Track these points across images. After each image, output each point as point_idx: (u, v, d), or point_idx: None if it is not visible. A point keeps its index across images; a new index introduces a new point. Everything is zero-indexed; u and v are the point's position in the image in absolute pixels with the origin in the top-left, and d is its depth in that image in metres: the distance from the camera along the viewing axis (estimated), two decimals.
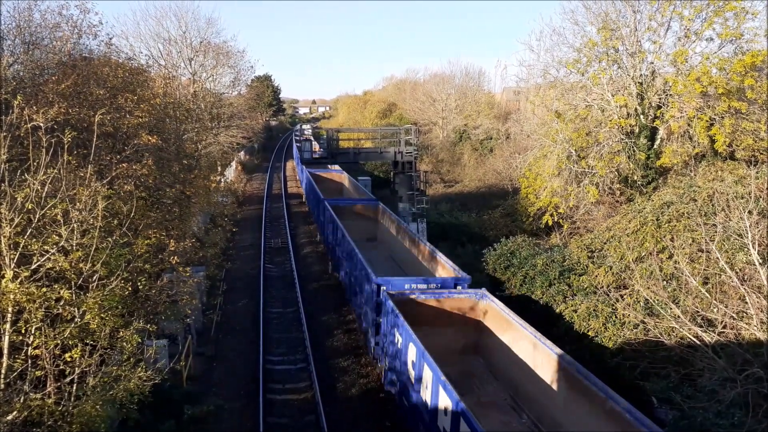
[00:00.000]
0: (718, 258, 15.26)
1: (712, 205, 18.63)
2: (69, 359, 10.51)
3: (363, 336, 21.53)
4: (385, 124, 70.40)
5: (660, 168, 27.59)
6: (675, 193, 21.57)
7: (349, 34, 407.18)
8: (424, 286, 19.15)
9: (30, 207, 10.35)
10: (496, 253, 24.62)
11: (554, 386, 14.69)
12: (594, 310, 18.66)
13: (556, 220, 29.04)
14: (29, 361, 10.42)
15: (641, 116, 27.73)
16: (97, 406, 10.70)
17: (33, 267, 10.36)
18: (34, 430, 10.21)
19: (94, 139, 13.04)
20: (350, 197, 41.66)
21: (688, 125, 26.74)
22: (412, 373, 15.22)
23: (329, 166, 50.51)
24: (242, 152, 67.23)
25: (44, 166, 10.65)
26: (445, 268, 21.43)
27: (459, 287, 19.18)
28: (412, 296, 18.34)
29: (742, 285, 14.45)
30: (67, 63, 19.02)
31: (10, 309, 10.12)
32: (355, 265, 22.51)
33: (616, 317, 17.94)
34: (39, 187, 10.48)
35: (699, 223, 17.53)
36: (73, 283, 10.68)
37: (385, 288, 18.47)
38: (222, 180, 40.72)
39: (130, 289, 12.11)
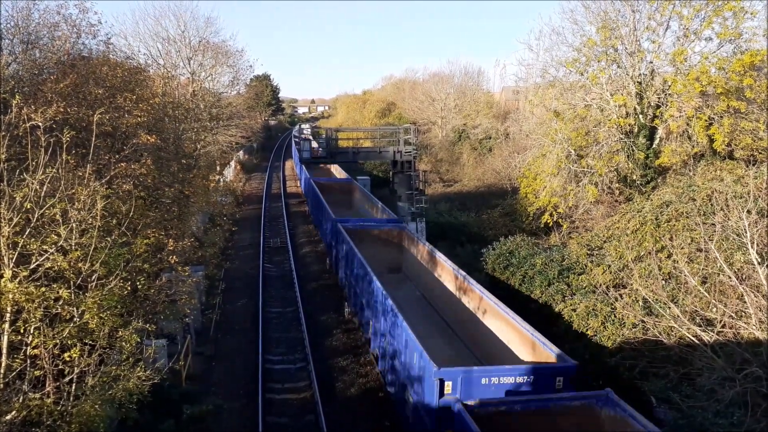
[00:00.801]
0: (716, 257, 15.26)
1: (711, 205, 18.63)
2: (68, 359, 10.49)
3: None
4: (384, 123, 70.42)
5: (659, 167, 27.61)
6: (674, 193, 21.58)
7: (348, 33, 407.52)
8: (510, 380, 13.03)
9: (29, 206, 10.33)
10: (495, 253, 24.61)
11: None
12: (593, 309, 18.65)
13: (555, 219, 29.05)
14: (28, 361, 10.41)
15: (640, 116, 27.74)
16: (96, 406, 10.68)
17: (32, 266, 10.34)
18: (32, 429, 10.19)
19: (93, 139, 13.02)
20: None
21: (687, 125, 26.76)
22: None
23: (329, 166, 50.45)
24: (241, 152, 67.21)
25: (43, 165, 10.63)
26: (537, 347, 14.87)
27: (559, 380, 12.99)
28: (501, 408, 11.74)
29: (740, 284, 14.45)
30: (66, 62, 19.00)
31: (8, 309, 10.10)
32: (397, 333, 16.22)
33: (615, 316, 17.94)
34: (38, 187, 10.46)
35: (698, 222, 17.53)
36: (72, 282, 10.67)
37: (460, 400, 11.73)
38: (221, 179, 40.67)
39: (129, 288, 12.09)
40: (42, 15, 20.32)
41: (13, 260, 10.20)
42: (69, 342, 10.51)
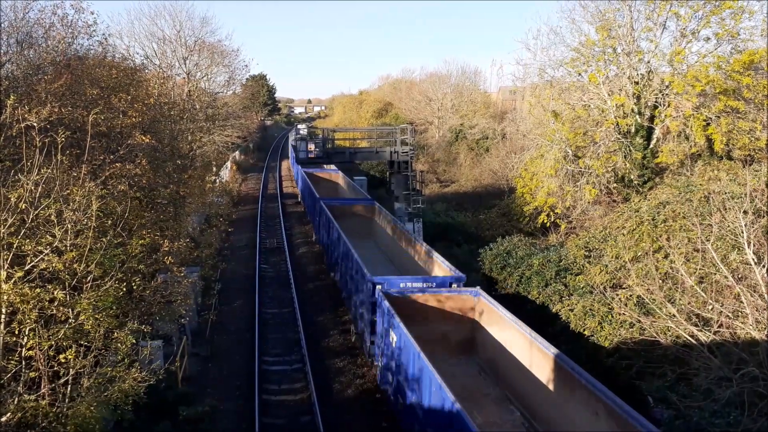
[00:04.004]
0: (713, 257, 15.28)
1: (708, 205, 18.65)
2: (63, 360, 10.45)
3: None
4: (381, 123, 70.32)
5: (656, 167, 27.65)
6: (671, 193, 21.60)
7: (345, 33, 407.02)
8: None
9: (23, 207, 10.29)
10: (493, 253, 24.60)
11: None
12: (590, 309, 18.66)
13: (553, 220, 29.06)
14: (23, 363, 10.37)
15: (637, 116, 27.77)
16: (92, 408, 10.65)
17: (27, 267, 10.30)
18: (28, 431, 10.14)
19: (88, 139, 12.98)
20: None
21: (685, 125, 26.81)
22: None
23: (325, 166, 50.40)
24: (237, 152, 67.09)
25: (37, 166, 10.59)
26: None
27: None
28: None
29: (737, 284, 14.47)
30: (61, 62, 18.93)
31: (3, 310, 10.06)
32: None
33: (612, 317, 17.95)
34: (32, 187, 10.42)
35: (695, 222, 17.54)
36: (67, 283, 10.63)
37: (380, 287, 18.50)
38: (217, 180, 40.58)
39: (124, 289, 12.04)
40: (38, 16, 20.23)
41: (8, 261, 10.15)
42: (64, 343, 10.48)
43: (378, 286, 18.56)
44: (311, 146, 36.05)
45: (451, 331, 18.66)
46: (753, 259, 14.32)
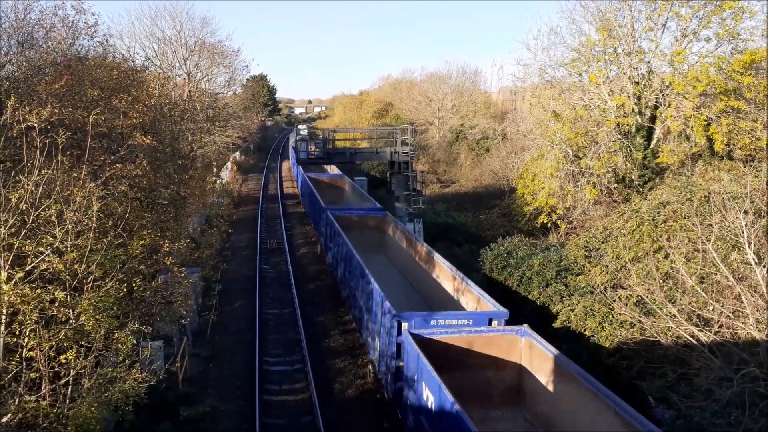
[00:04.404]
0: (714, 257, 15.27)
1: (709, 205, 18.64)
2: (64, 361, 10.46)
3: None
4: (382, 123, 70.30)
5: (657, 168, 27.64)
6: (672, 193, 21.59)
7: (345, 33, 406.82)
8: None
9: (24, 208, 10.29)
10: (493, 253, 24.58)
11: None
12: (591, 309, 18.65)
13: (554, 220, 29.05)
14: (24, 363, 10.37)
15: (638, 116, 27.76)
16: (93, 408, 10.65)
17: (27, 268, 10.30)
18: None
19: (89, 140, 12.98)
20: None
21: (685, 125, 26.80)
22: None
23: (327, 169, 50.43)
24: (238, 152, 67.10)
25: (38, 166, 10.59)
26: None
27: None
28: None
29: (738, 284, 14.46)
30: (62, 63, 18.93)
31: (4, 310, 10.06)
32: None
33: (612, 317, 17.94)
34: (33, 188, 10.42)
35: (695, 222, 17.54)
36: (67, 284, 10.63)
37: (407, 326, 15.62)
38: (217, 180, 40.60)
39: (124, 290, 12.04)
40: (39, 17, 20.22)
41: (9, 262, 10.15)
42: (65, 344, 10.48)
43: (404, 325, 15.65)
44: (311, 147, 36.07)
45: (492, 379, 15.85)
46: (753, 259, 14.31)
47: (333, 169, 49.85)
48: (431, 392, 13.34)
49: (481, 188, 47.58)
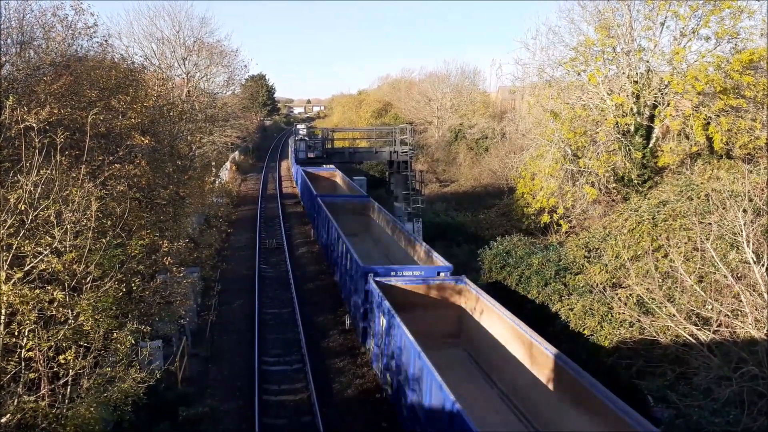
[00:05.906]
0: (713, 256, 15.28)
1: (708, 204, 18.65)
2: (63, 361, 10.44)
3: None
4: (381, 123, 70.33)
5: (656, 167, 27.64)
6: (671, 192, 21.60)
7: (345, 33, 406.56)
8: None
9: (23, 208, 10.28)
10: (492, 253, 24.59)
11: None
12: (590, 309, 18.66)
13: (556, 220, 29.04)
14: (23, 363, 10.36)
15: (637, 115, 27.76)
16: (92, 408, 10.63)
17: (26, 268, 10.29)
18: None
19: (87, 140, 12.97)
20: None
21: (684, 124, 26.80)
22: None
23: (324, 166, 50.49)
24: (236, 152, 67.06)
25: (37, 166, 10.58)
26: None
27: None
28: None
29: (736, 283, 14.47)
30: (60, 63, 18.92)
31: (3, 311, 10.05)
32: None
33: (611, 316, 17.95)
34: (32, 188, 10.41)
35: (694, 221, 17.55)
36: (66, 284, 10.62)
37: (372, 275, 19.60)
38: (216, 180, 40.58)
39: (123, 290, 12.03)
40: (38, 17, 20.18)
41: (7, 262, 10.14)
42: (64, 344, 10.47)
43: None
44: (311, 146, 36.13)
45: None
46: (752, 258, 14.32)
47: (329, 167, 50.13)
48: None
49: (480, 188, 47.61)
